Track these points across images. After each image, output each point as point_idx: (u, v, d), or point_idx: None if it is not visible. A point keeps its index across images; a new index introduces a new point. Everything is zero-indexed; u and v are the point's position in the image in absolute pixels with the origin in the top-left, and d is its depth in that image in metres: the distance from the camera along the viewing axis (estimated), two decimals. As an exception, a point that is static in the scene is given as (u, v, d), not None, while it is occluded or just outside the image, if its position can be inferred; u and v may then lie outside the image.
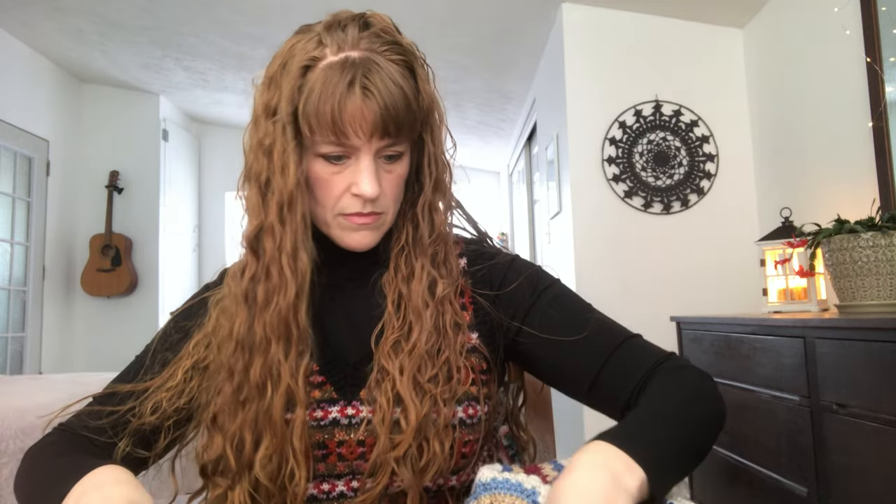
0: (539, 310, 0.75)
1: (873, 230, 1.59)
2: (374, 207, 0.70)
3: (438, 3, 2.94)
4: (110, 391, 0.76)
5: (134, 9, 3.24)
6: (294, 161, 0.67)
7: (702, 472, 2.14)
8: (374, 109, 0.65)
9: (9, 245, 3.74)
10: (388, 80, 0.66)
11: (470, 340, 0.74)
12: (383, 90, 0.66)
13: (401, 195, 0.74)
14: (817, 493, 1.45)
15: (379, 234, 0.73)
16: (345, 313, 0.76)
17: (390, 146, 0.69)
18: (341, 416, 0.71)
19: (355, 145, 0.67)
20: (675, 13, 2.83)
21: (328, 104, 0.65)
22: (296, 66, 0.67)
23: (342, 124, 0.65)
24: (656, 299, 2.71)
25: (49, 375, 2.67)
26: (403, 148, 0.71)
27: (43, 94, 4.03)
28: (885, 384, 1.21)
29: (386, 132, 0.67)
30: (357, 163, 0.68)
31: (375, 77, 0.66)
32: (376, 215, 0.71)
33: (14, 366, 3.75)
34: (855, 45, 2.02)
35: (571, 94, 2.83)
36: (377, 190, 0.68)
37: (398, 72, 0.68)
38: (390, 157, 0.70)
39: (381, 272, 0.76)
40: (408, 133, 0.70)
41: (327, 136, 0.66)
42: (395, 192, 0.72)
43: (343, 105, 0.65)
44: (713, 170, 2.80)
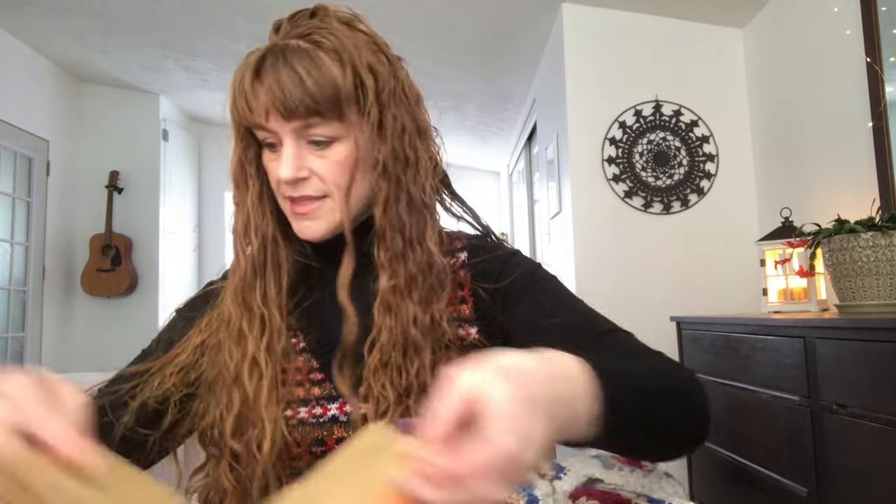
0: (531, 298, 0.73)
1: (873, 230, 1.59)
2: (304, 190, 0.70)
3: (439, 3, 2.94)
4: (115, 377, 0.77)
5: (134, 9, 3.24)
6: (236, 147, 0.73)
7: (702, 472, 2.14)
8: (266, 90, 0.67)
9: (9, 245, 3.74)
10: (281, 64, 0.67)
11: (469, 335, 0.74)
12: (271, 73, 0.67)
13: (353, 180, 0.71)
14: (817, 493, 1.45)
15: (327, 224, 0.72)
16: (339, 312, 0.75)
17: (306, 129, 0.69)
18: (340, 413, 0.71)
19: (271, 129, 0.69)
20: (675, 13, 2.83)
21: (238, 91, 0.70)
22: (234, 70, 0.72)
23: (244, 109, 0.69)
24: (656, 299, 2.71)
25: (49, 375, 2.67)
26: (331, 132, 0.69)
27: (43, 94, 4.03)
28: (885, 384, 1.21)
29: (284, 113, 0.67)
30: (283, 148, 0.70)
31: (268, 62, 0.68)
32: (313, 200, 0.71)
33: (14, 366, 3.75)
34: (855, 45, 2.02)
35: (571, 94, 2.83)
36: (291, 173, 0.69)
37: (305, 58, 0.67)
38: (317, 143, 0.70)
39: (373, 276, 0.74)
40: (312, 113, 0.67)
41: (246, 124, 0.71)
42: (334, 177, 0.70)
43: (241, 90, 0.69)
44: (713, 170, 2.80)
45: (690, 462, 2.23)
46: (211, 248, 5.22)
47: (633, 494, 0.61)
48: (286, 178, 0.69)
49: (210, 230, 5.26)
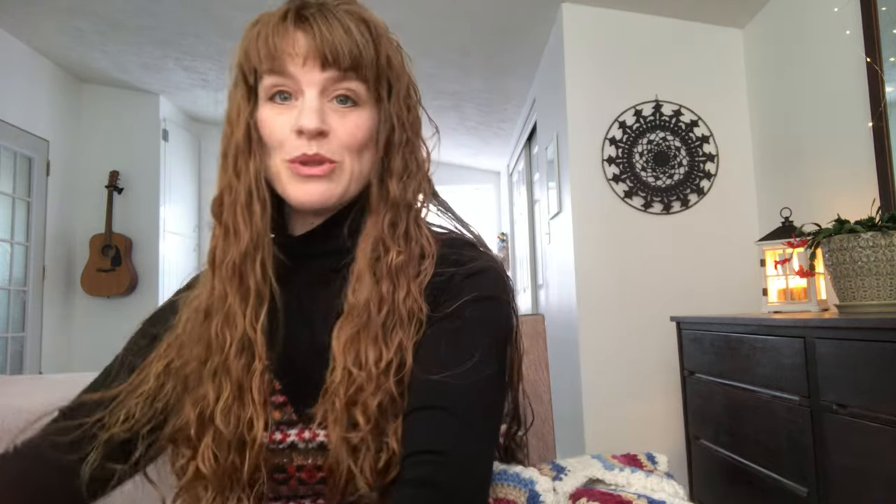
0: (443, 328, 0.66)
1: (873, 230, 1.59)
2: (319, 148, 0.66)
3: (438, 3, 2.94)
4: (78, 402, 0.72)
5: (134, 9, 3.24)
6: (245, 113, 0.68)
7: (702, 472, 2.14)
8: (308, 33, 0.65)
9: (9, 245, 3.74)
10: (328, 14, 0.66)
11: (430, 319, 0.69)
12: (320, 20, 0.65)
13: (361, 152, 0.69)
14: (817, 493, 1.45)
15: (333, 189, 0.68)
16: (307, 326, 0.71)
17: (338, 83, 0.66)
18: (299, 439, 0.67)
19: (296, 77, 0.66)
20: (675, 13, 2.83)
21: (263, 34, 0.66)
22: (249, 25, 0.69)
23: (275, 48, 0.65)
24: (656, 299, 2.71)
25: (49, 375, 2.67)
26: (358, 89, 0.67)
27: (43, 94, 4.03)
28: (885, 384, 1.21)
29: (324, 61, 0.65)
30: (302, 101, 0.66)
31: (313, 9, 0.66)
32: (327, 162, 0.67)
33: (14, 366, 3.75)
34: (855, 45, 2.02)
35: (571, 94, 2.83)
36: (317, 122, 0.65)
37: (348, 17, 0.67)
38: (343, 100, 0.67)
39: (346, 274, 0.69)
40: (352, 67, 0.66)
41: (266, 69, 0.66)
42: (350, 140, 0.67)
43: (276, 31, 0.66)
44: (713, 170, 2.80)
45: (690, 462, 2.23)
46: (211, 248, 5.21)
47: (634, 496, 0.61)
48: (311, 126, 0.65)
49: (210, 230, 5.25)
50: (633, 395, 2.66)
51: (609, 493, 0.61)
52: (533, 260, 4.40)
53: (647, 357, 2.68)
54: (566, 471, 0.69)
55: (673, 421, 2.56)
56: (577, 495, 0.63)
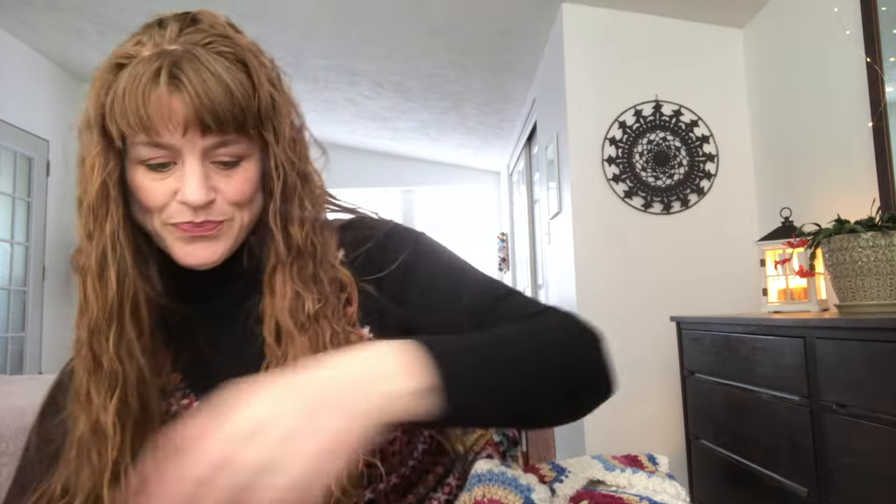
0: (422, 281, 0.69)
1: (873, 230, 1.59)
2: (208, 215, 0.62)
3: (439, 3, 2.94)
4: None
5: (134, 9, 3.24)
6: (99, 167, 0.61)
7: (702, 472, 2.14)
8: (185, 100, 0.58)
9: (9, 245, 3.74)
10: (202, 70, 0.59)
11: (362, 337, 0.69)
12: (195, 79, 0.59)
13: (251, 202, 0.66)
14: (817, 493, 1.45)
15: (223, 247, 0.65)
16: (228, 350, 0.69)
17: (219, 147, 0.61)
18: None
19: (175, 146, 0.60)
20: (675, 13, 2.83)
21: (132, 99, 0.58)
22: (108, 66, 0.62)
23: (149, 119, 0.58)
24: (656, 299, 2.71)
25: (49, 375, 2.67)
26: (241, 150, 0.63)
27: (43, 94, 4.03)
28: (885, 384, 1.21)
29: (204, 127, 0.59)
30: (182, 167, 0.61)
31: (186, 66, 0.59)
32: (213, 224, 0.63)
33: (14, 366, 3.75)
34: (855, 45, 2.02)
35: (571, 94, 2.83)
36: (203, 196, 0.60)
37: (221, 63, 0.61)
38: (226, 164, 0.63)
39: (253, 301, 0.67)
40: (235, 129, 0.61)
41: (139, 137, 0.59)
42: (239, 196, 0.64)
43: (147, 98, 0.58)
44: (713, 170, 2.80)
45: (690, 462, 2.23)
46: (211, 248, 5.22)
47: (635, 498, 0.61)
48: (197, 201, 0.60)
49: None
50: (634, 395, 2.66)
51: (610, 494, 0.61)
52: (533, 260, 4.40)
53: (647, 357, 2.68)
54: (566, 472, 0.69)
55: (673, 421, 2.56)
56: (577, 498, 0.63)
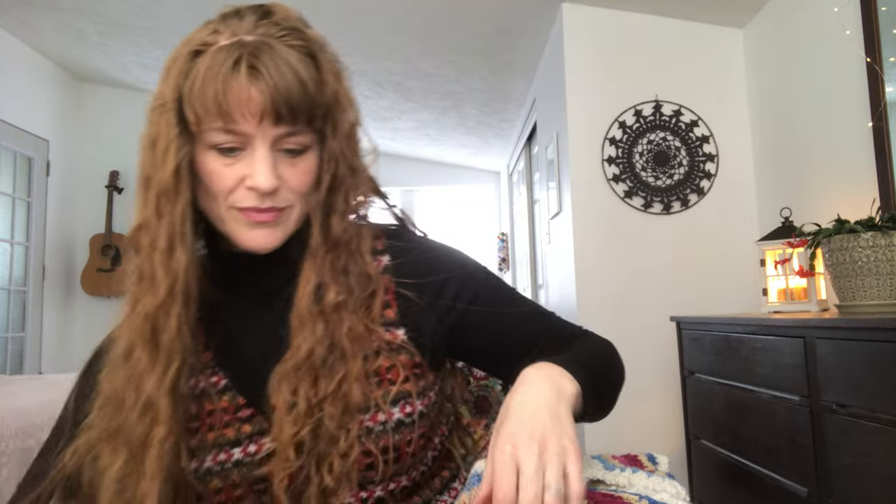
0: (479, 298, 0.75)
1: (873, 230, 1.59)
2: (273, 202, 0.65)
3: (439, 3, 2.94)
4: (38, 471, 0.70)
5: (134, 9, 3.24)
6: (175, 150, 0.63)
7: (702, 472, 2.14)
8: (263, 90, 0.61)
9: (9, 245, 3.74)
10: (279, 62, 0.62)
11: (396, 338, 0.71)
12: (273, 70, 0.62)
13: (310, 192, 0.69)
14: (817, 493, 1.45)
15: (282, 233, 0.68)
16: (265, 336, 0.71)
17: (289, 136, 0.65)
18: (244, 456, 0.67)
19: (247, 133, 0.63)
20: (675, 13, 2.83)
21: (211, 86, 0.61)
22: (185, 52, 0.65)
23: (227, 107, 0.61)
24: (656, 299, 2.71)
25: (49, 375, 2.67)
26: (307, 140, 0.66)
27: (43, 94, 4.03)
28: (885, 384, 1.21)
29: (278, 116, 0.62)
30: (252, 154, 0.64)
31: (265, 57, 0.62)
32: (277, 211, 0.66)
33: (14, 366, 3.75)
34: (855, 45, 2.02)
35: (571, 94, 2.83)
36: (273, 183, 0.64)
37: (295, 56, 0.64)
38: (292, 152, 0.66)
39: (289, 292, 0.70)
40: (305, 121, 0.64)
41: (215, 123, 0.62)
42: (301, 186, 0.67)
43: (227, 86, 0.61)
44: (713, 170, 2.80)
45: (690, 462, 2.23)
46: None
47: (635, 497, 0.61)
48: (267, 187, 0.63)
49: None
50: (634, 395, 2.65)
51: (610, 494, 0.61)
52: (533, 260, 4.40)
53: (647, 357, 2.68)
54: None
55: (673, 421, 2.56)
56: None
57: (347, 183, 0.70)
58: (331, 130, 0.68)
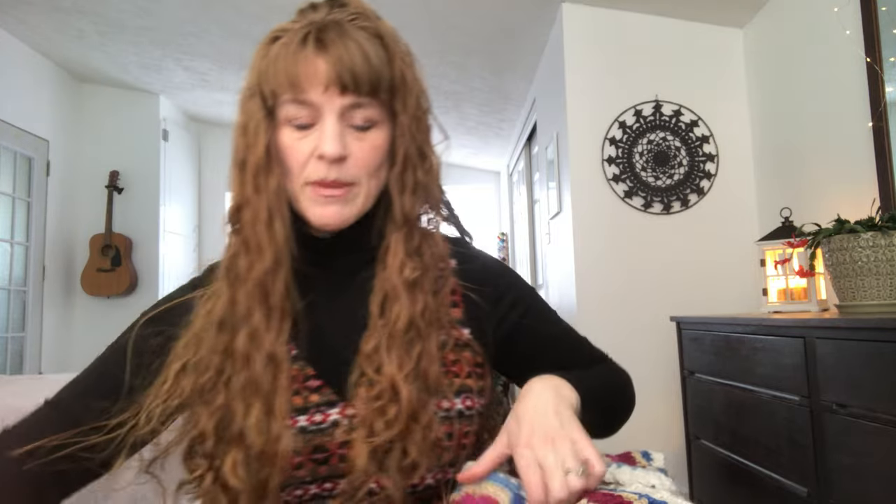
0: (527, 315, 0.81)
1: (873, 230, 1.59)
2: (339, 174, 0.69)
3: (439, 3, 2.94)
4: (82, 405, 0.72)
5: (134, 9, 3.24)
6: (263, 130, 0.69)
7: (702, 472, 2.14)
8: (328, 60, 0.66)
9: (9, 245, 3.74)
10: (346, 37, 0.67)
11: (462, 336, 0.75)
12: (339, 44, 0.67)
13: (378, 170, 0.72)
14: (817, 493, 1.45)
15: (350, 211, 0.71)
16: (339, 314, 0.75)
17: (356, 108, 0.68)
18: (342, 416, 0.70)
19: (315, 103, 0.67)
20: (675, 13, 2.83)
21: (283, 61, 0.67)
22: (265, 42, 0.71)
23: (296, 77, 0.66)
24: (656, 299, 2.71)
25: (49, 375, 2.67)
26: (375, 115, 0.70)
27: (43, 94, 4.03)
28: (885, 384, 1.21)
29: (343, 86, 0.67)
30: (322, 126, 0.68)
31: (332, 33, 0.67)
32: (345, 186, 0.70)
33: (14, 366, 3.75)
34: (855, 45, 2.02)
35: (571, 94, 2.83)
36: (339, 149, 0.67)
37: (363, 35, 0.68)
38: (361, 127, 0.70)
39: (370, 274, 0.75)
40: (370, 92, 0.68)
41: (286, 95, 0.68)
42: (368, 162, 0.70)
43: (296, 58, 0.67)
44: (713, 170, 2.80)
45: (690, 462, 2.23)
46: (211, 248, 5.22)
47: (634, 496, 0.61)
48: (333, 153, 0.67)
49: (210, 230, 5.25)
50: (633, 395, 2.65)
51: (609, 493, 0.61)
52: (533, 260, 4.40)
53: (647, 357, 2.68)
54: None
55: (673, 421, 2.56)
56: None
57: (417, 164, 0.74)
58: (400, 107, 0.71)
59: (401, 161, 0.73)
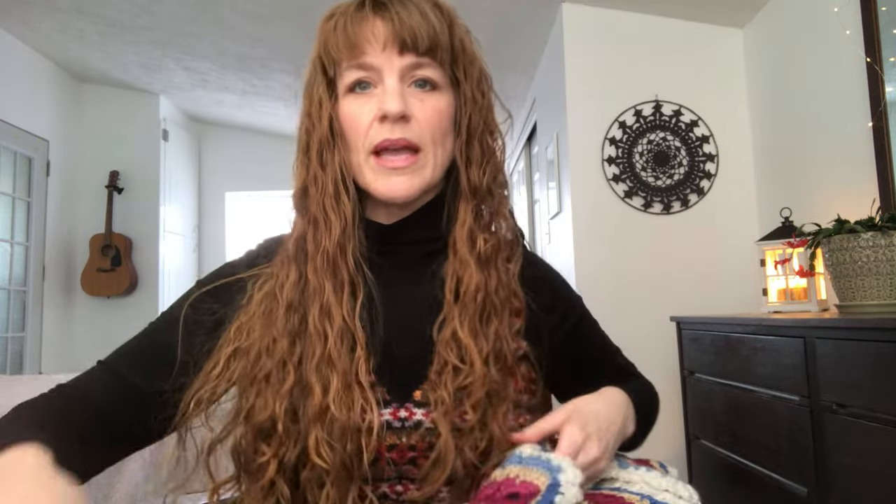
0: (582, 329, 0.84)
1: (873, 230, 1.59)
2: (403, 133, 0.67)
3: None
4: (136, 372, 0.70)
5: (134, 9, 3.24)
6: (327, 105, 0.69)
7: (702, 472, 2.14)
8: (387, 20, 0.66)
9: (9, 245, 3.74)
10: (405, 1, 0.68)
11: (521, 348, 0.73)
12: (397, 5, 0.67)
13: (444, 137, 0.70)
14: (817, 493, 1.45)
15: (419, 181, 0.69)
16: (398, 310, 0.72)
17: (416, 68, 0.68)
18: (394, 419, 0.67)
19: (375, 65, 0.67)
20: (675, 13, 2.83)
21: (341, 26, 0.67)
22: (323, 19, 0.71)
23: (355, 38, 0.66)
24: (656, 299, 2.71)
25: (49, 375, 2.67)
26: (436, 76, 0.69)
27: (43, 94, 4.03)
28: (885, 384, 1.21)
29: (402, 45, 0.66)
30: (383, 87, 0.67)
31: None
32: (411, 152, 0.68)
33: (14, 366, 3.75)
34: (855, 45, 2.02)
35: (571, 94, 2.83)
36: (401, 106, 0.66)
37: (423, 2, 0.69)
38: (422, 84, 0.69)
39: (440, 261, 0.72)
40: (429, 52, 0.67)
41: (346, 59, 0.67)
42: (432, 124, 0.68)
43: (354, 21, 0.67)
44: (713, 170, 2.80)
45: (690, 462, 2.23)
46: (211, 248, 5.22)
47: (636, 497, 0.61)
48: (395, 110, 0.66)
49: (210, 230, 5.26)
50: (633, 395, 2.65)
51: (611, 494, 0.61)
52: (533, 260, 4.39)
53: (647, 357, 2.66)
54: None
55: (673, 421, 2.56)
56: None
57: (483, 135, 0.72)
58: (462, 75, 0.71)
59: (467, 131, 0.71)
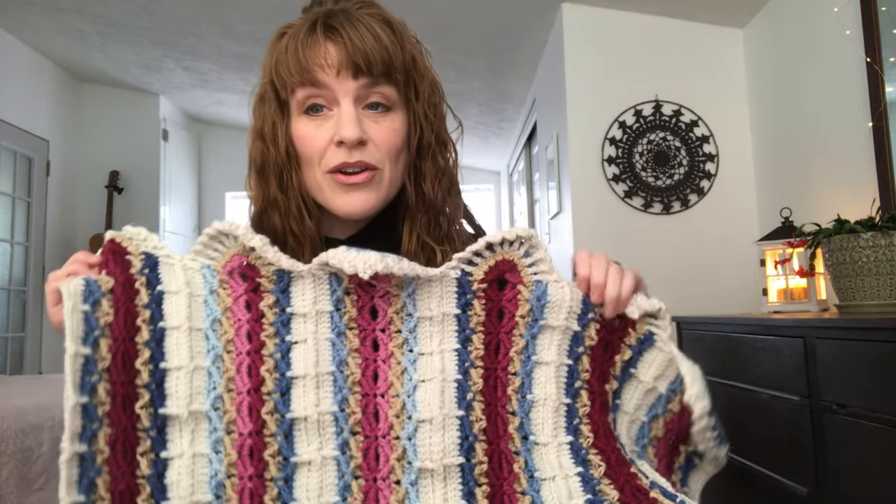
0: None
1: (873, 230, 1.59)
2: (361, 156, 0.67)
3: (439, 3, 2.94)
4: None
5: (134, 9, 3.24)
6: (281, 127, 0.69)
7: (702, 472, 2.14)
8: (339, 43, 0.66)
9: (9, 245, 3.74)
10: (354, 21, 0.67)
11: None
12: (348, 27, 0.66)
13: (399, 155, 0.71)
14: (817, 493, 1.45)
15: (375, 197, 0.70)
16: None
17: (370, 91, 0.67)
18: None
19: (328, 86, 0.66)
20: (675, 13, 2.83)
21: (292, 49, 0.66)
22: (272, 39, 0.70)
23: (306, 63, 0.66)
24: (656, 299, 2.71)
25: (49, 375, 2.67)
26: (390, 95, 0.69)
27: (43, 94, 4.03)
28: (885, 384, 1.21)
29: (356, 68, 0.66)
30: (339, 111, 0.67)
31: (340, 18, 0.67)
32: (368, 171, 0.68)
33: (14, 366, 3.75)
34: (855, 45, 2.02)
35: (571, 94, 2.83)
36: (357, 132, 0.66)
37: (372, 20, 0.68)
38: (375, 106, 0.69)
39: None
40: (383, 73, 0.67)
41: (297, 83, 0.67)
42: (387, 145, 0.69)
43: (305, 45, 0.66)
44: (713, 170, 2.80)
45: (690, 462, 2.22)
46: (211, 248, 5.21)
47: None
48: (352, 137, 0.66)
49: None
50: (633, 395, 2.65)
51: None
52: (533, 260, 4.40)
53: (647, 357, 2.67)
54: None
55: (673, 421, 2.56)
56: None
57: (435, 149, 0.73)
58: (413, 95, 0.71)
59: (418, 148, 0.72)
